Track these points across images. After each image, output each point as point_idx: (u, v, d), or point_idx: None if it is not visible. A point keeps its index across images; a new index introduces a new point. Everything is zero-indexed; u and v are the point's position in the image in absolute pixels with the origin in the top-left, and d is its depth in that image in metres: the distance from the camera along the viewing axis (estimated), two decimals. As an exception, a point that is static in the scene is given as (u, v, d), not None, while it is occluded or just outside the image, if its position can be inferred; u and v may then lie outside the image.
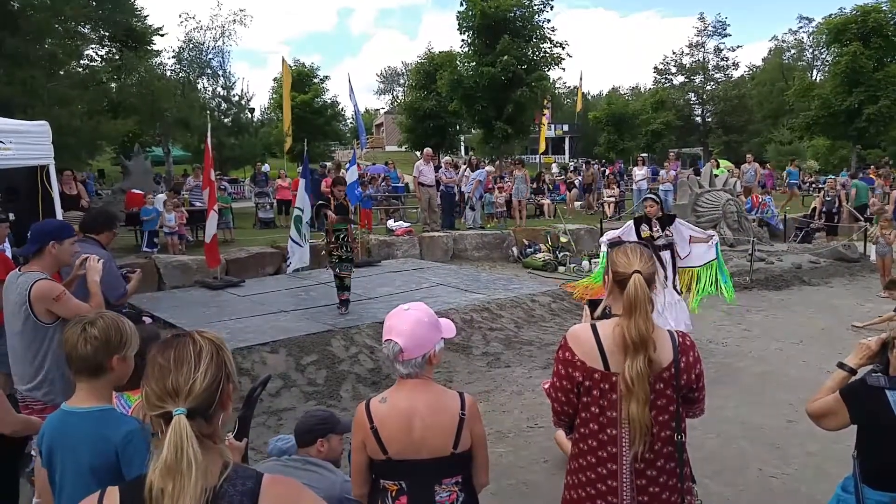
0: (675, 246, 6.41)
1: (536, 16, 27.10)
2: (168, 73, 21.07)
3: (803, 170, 26.77)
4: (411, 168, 15.80)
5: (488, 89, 26.38)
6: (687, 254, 6.52)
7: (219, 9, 31.34)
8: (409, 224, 13.79)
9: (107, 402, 2.01)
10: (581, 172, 20.72)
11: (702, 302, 6.67)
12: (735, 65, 45.93)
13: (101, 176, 25.36)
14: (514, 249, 12.95)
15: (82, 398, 1.97)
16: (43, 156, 6.68)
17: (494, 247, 13.09)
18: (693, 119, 45.87)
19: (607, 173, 20.26)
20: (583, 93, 34.48)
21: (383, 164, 22.85)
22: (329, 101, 35.01)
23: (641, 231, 6.39)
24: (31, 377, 3.23)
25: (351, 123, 41.03)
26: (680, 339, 2.02)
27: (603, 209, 17.11)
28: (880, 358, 2.33)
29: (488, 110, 27.17)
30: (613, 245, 2.12)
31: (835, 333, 7.50)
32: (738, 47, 74.42)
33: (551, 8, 27.72)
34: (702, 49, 45.39)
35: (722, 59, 45.42)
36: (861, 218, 14.15)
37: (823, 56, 39.33)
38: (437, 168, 14.09)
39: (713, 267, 6.56)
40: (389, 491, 2.02)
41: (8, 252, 5.21)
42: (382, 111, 64.32)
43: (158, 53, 23.47)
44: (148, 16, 23.36)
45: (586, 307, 2.94)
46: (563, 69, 31.60)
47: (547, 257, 12.16)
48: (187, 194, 14.13)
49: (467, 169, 14.66)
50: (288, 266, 9.15)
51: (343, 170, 15.73)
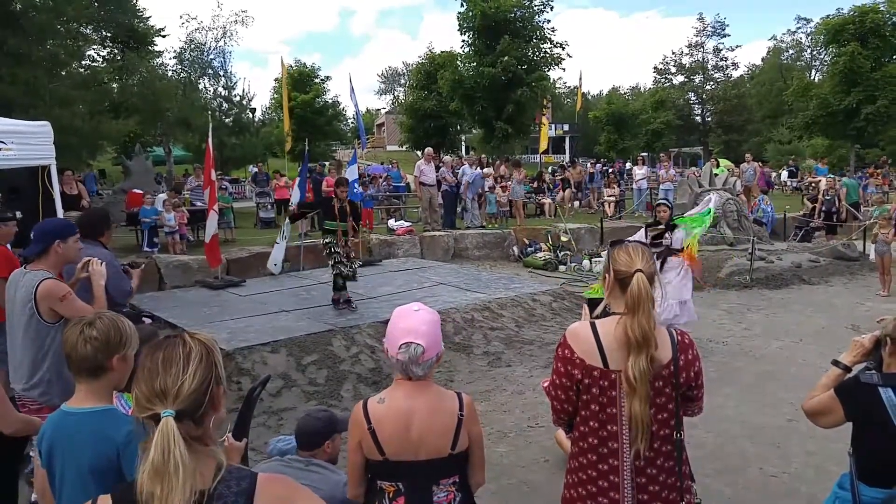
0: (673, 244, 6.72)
1: (536, 16, 27.17)
2: (169, 74, 21.12)
3: (801, 169, 26.76)
4: (412, 168, 15.80)
5: (489, 89, 26.42)
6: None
7: (220, 9, 31.43)
8: (410, 223, 13.81)
9: (107, 402, 2.00)
10: (568, 171, 20.56)
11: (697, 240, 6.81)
12: (734, 65, 46.06)
13: (103, 176, 25.38)
14: (515, 249, 12.97)
15: (82, 398, 1.95)
16: (44, 156, 6.71)
17: (495, 246, 13.10)
18: (693, 119, 45.92)
19: (610, 172, 20.23)
20: (583, 93, 34.48)
21: (384, 164, 22.87)
22: (330, 101, 35.00)
23: (648, 233, 6.83)
24: (29, 377, 3.20)
25: (352, 123, 41.03)
26: (679, 337, 2.03)
27: (603, 209, 17.12)
28: (874, 355, 2.34)
29: (489, 110, 27.20)
30: (614, 244, 2.13)
31: (835, 332, 7.50)
32: (738, 47, 74.46)
33: (551, 8, 27.82)
34: (701, 49, 45.46)
35: (721, 59, 45.50)
36: (857, 215, 14.14)
37: (822, 56, 39.35)
38: (438, 168, 14.07)
39: (699, 217, 6.86)
40: (387, 492, 2.01)
41: None
42: (383, 111, 64.31)
43: (160, 54, 23.59)
44: (150, 17, 23.44)
45: (585, 306, 2.95)
46: (564, 69, 31.70)
47: (548, 256, 12.18)
48: (188, 194, 14.14)
49: (466, 167, 14.61)
50: (275, 266, 9.10)
51: (344, 169, 15.78)
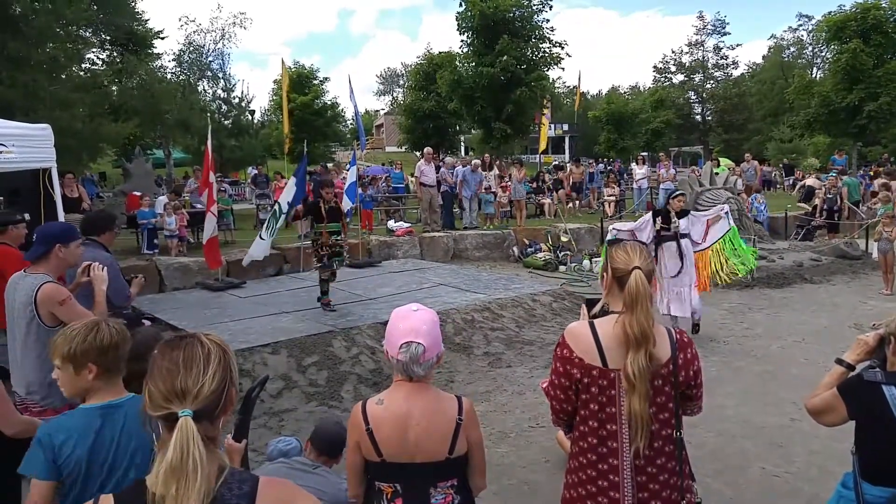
0: (691, 235, 7.12)
1: (535, 16, 27.12)
2: (168, 76, 21.17)
3: (801, 168, 26.73)
4: (411, 168, 15.77)
5: (488, 89, 26.39)
6: (704, 236, 7.20)
7: (219, 11, 31.48)
8: (410, 225, 13.80)
9: (127, 393, 2.07)
10: (562, 171, 20.54)
11: (722, 281, 7.35)
12: (734, 63, 46.08)
13: (103, 178, 25.43)
14: (515, 249, 12.95)
15: (102, 396, 2.01)
16: (45, 159, 6.70)
17: (495, 247, 13.09)
18: (693, 117, 45.93)
19: (609, 172, 20.23)
20: (582, 92, 34.47)
21: (385, 165, 22.83)
22: (329, 103, 35.00)
23: (657, 223, 7.10)
24: (30, 381, 3.20)
25: (351, 124, 41.01)
26: (678, 336, 2.03)
27: (603, 208, 17.11)
28: (878, 353, 2.33)
29: (488, 110, 27.17)
30: (612, 243, 2.13)
31: (837, 331, 7.47)
32: (738, 45, 74.66)
33: (550, 8, 27.76)
34: (701, 48, 45.49)
35: (721, 58, 45.53)
36: (859, 212, 14.10)
37: (823, 53, 39.32)
38: (439, 168, 14.06)
39: (727, 240, 7.19)
40: (385, 493, 2.01)
41: None
42: (382, 112, 64.35)
43: (159, 56, 23.60)
44: (149, 19, 23.48)
45: (584, 305, 2.94)
46: (563, 69, 31.58)
47: (548, 257, 12.16)
48: (188, 196, 14.15)
49: (460, 167, 14.52)
50: (246, 258, 8.84)
51: (332, 170, 15.78)
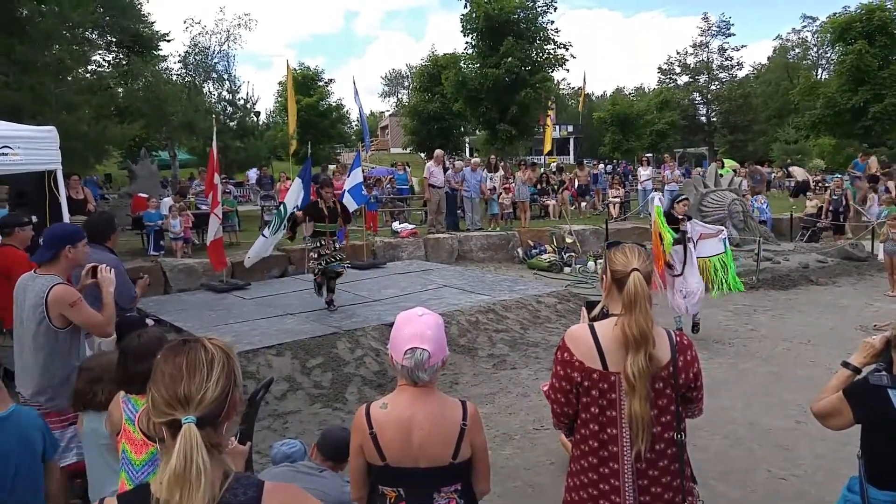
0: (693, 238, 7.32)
1: (540, 17, 27.16)
2: (174, 78, 21.24)
3: (807, 169, 26.62)
4: (417, 170, 15.76)
5: (492, 91, 26.41)
6: (697, 247, 7.40)
7: (224, 14, 31.59)
8: (414, 226, 13.79)
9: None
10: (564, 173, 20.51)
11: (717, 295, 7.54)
12: (739, 64, 45.80)
13: (109, 180, 25.56)
14: (520, 250, 12.93)
15: None
16: (51, 161, 6.72)
17: (499, 248, 13.08)
18: (698, 119, 45.74)
19: (616, 172, 20.23)
20: (586, 93, 34.42)
21: (392, 166, 22.78)
22: (334, 104, 35.09)
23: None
24: (37, 382, 3.21)
25: (356, 126, 41.12)
26: (678, 338, 2.03)
27: (608, 210, 17.07)
28: (884, 356, 2.32)
29: (492, 112, 27.19)
30: (611, 246, 2.14)
31: (843, 333, 7.44)
32: (743, 47, 74.27)
33: (555, 9, 27.78)
34: (706, 49, 45.26)
35: (726, 59, 45.27)
36: (864, 212, 14.02)
37: (828, 55, 39.19)
38: (446, 170, 14.05)
39: (719, 260, 7.43)
40: (388, 497, 2.01)
41: None
42: (387, 113, 64.40)
43: (165, 58, 23.68)
44: (154, 22, 23.49)
45: (584, 308, 2.95)
46: (567, 70, 31.70)
47: (552, 258, 12.14)
48: (193, 198, 14.19)
49: (467, 170, 14.51)
50: (247, 258, 8.74)
51: (332, 172, 15.77)
